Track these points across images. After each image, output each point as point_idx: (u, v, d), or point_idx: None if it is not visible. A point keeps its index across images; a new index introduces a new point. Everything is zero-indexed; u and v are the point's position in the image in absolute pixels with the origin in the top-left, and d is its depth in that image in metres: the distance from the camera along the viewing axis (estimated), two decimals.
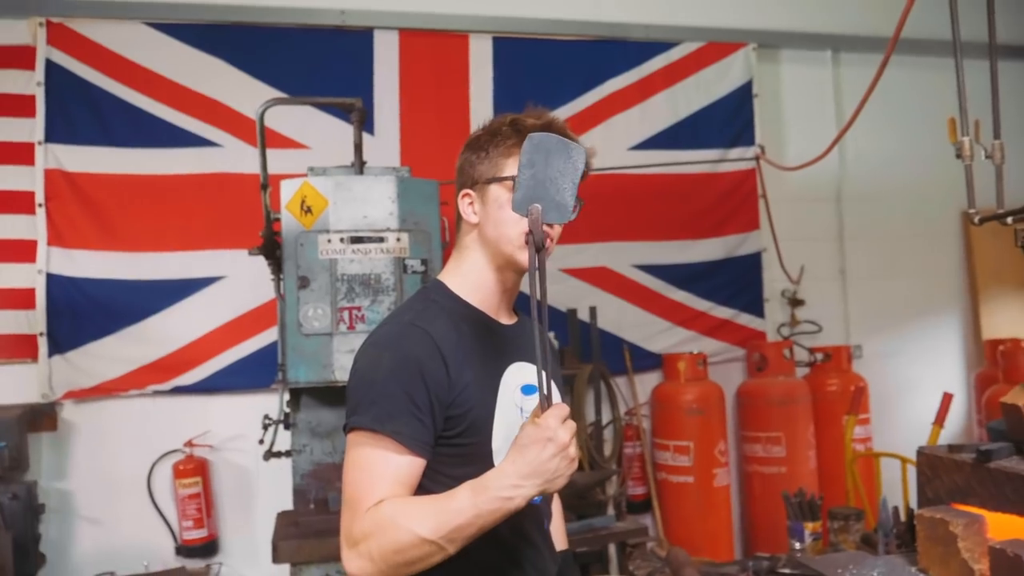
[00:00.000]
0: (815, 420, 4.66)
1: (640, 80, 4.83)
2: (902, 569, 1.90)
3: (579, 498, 3.91)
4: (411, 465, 1.39)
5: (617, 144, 4.72)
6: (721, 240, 4.96)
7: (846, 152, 5.13)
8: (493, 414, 1.47)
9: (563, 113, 4.70)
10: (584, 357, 4.53)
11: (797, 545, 2.80)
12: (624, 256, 4.77)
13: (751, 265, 5.02)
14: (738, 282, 4.98)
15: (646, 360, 4.79)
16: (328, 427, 3.39)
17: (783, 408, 4.60)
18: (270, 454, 3.39)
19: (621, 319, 4.74)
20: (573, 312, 4.51)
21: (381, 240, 3.18)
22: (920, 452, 2.02)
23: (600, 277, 4.72)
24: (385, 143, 4.43)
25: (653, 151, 4.75)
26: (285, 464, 3.41)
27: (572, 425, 1.29)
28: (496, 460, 1.45)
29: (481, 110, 4.60)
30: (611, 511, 3.92)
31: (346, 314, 3.16)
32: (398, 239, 3.18)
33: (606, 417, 4.59)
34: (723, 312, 4.95)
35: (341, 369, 3.10)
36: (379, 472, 1.37)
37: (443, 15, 4.53)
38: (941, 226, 5.40)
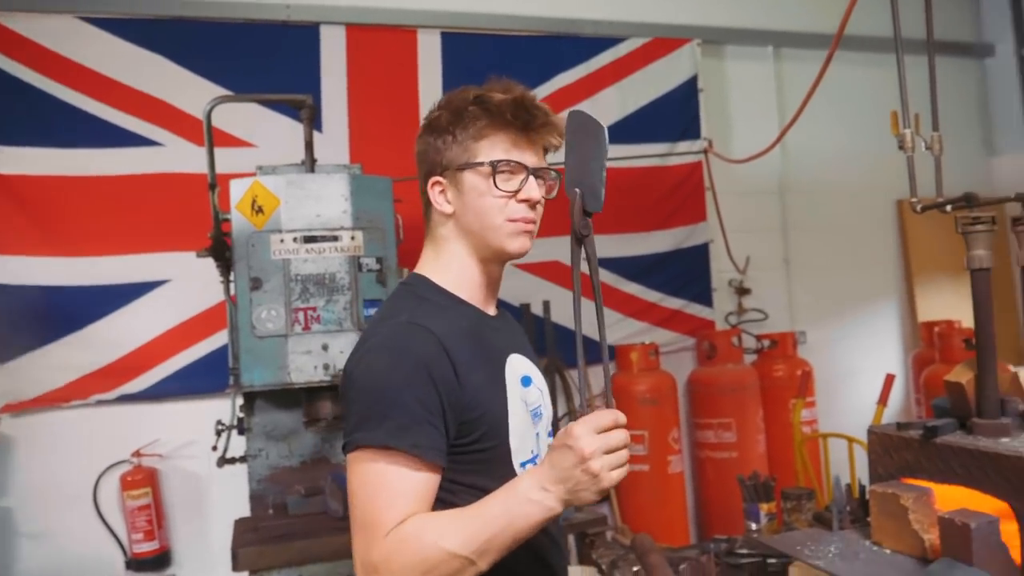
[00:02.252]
0: (764, 405, 4.78)
1: (590, 75, 4.88)
2: (857, 543, 1.98)
3: None
4: (430, 480, 1.27)
5: None
6: (670, 232, 5.04)
7: (788, 146, 5.26)
8: (507, 412, 1.37)
9: None
10: (539, 351, 4.54)
11: (753, 526, 2.88)
12: None
13: (699, 256, 5.11)
14: (687, 273, 5.08)
15: (600, 352, 4.83)
16: (284, 430, 3.34)
17: (733, 394, 4.70)
18: (224, 460, 3.33)
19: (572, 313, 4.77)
20: (527, 307, 4.54)
21: (335, 239, 3.15)
22: (871, 431, 2.10)
23: (553, 271, 4.76)
24: (334, 141, 4.39)
25: None
26: (240, 470, 3.35)
27: (607, 438, 1.17)
28: (515, 460, 1.37)
29: (430, 107, 4.58)
30: None
31: (301, 315, 3.12)
32: (352, 237, 3.16)
33: (562, 409, 4.63)
34: (673, 303, 5.04)
35: (297, 371, 3.07)
36: (397, 490, 1.23)
37: (391, 9, 4.51)
38: (879, 216, 5.59)
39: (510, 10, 4.72)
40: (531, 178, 1.41)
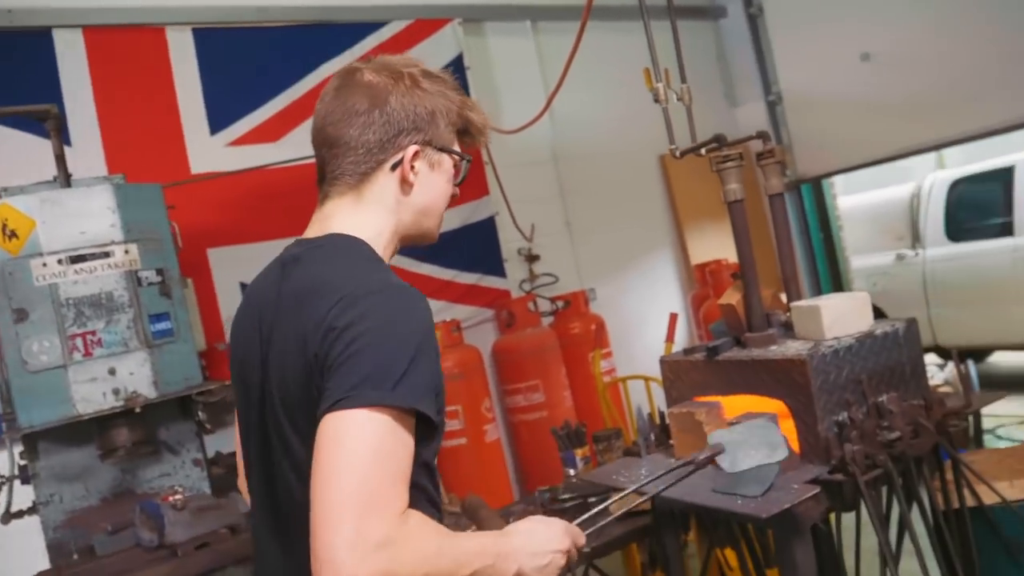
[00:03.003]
0: (565, 362, 5.02)
1: (362, 58, 4.84)
2: (664, 461, 2.16)
3: None
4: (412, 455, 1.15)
5: None
6: (455, 210, 5.13)
7: (556, 115, 5.51)
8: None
9: (282, 101, 4.62)
10: None
11: (571, 472, 3.04)
12: None
13: (487, 230, 5.26)
14: (478, 247, 5.21)
15: None
16: (77, 468, 3.11)
17: (536, 357, 4.90)
18: (10, 516, 3.04)
19: None
20: None
21: (107, 255, 2.96)
22: (663, 360, 2.29)
23: None
24: (87, 153, 4.05)
25: None
26: (31, 523, 3.06)
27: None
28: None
29: (191, 107, 4.38)
30: None
31: (79, 341, 2.91)
32: (126, 251, 2.98)
33: None
34: (468, 278, 5.15)
35: (83, 401, 2.87)
36: (402, 463, 1.10)
37: (132, 8, 4.22)
38: (645, 172, 6.01)
39: (263, 2, 4.58)
40: None
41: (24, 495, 3.07)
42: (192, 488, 3.35)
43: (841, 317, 2.02)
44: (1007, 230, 6.20)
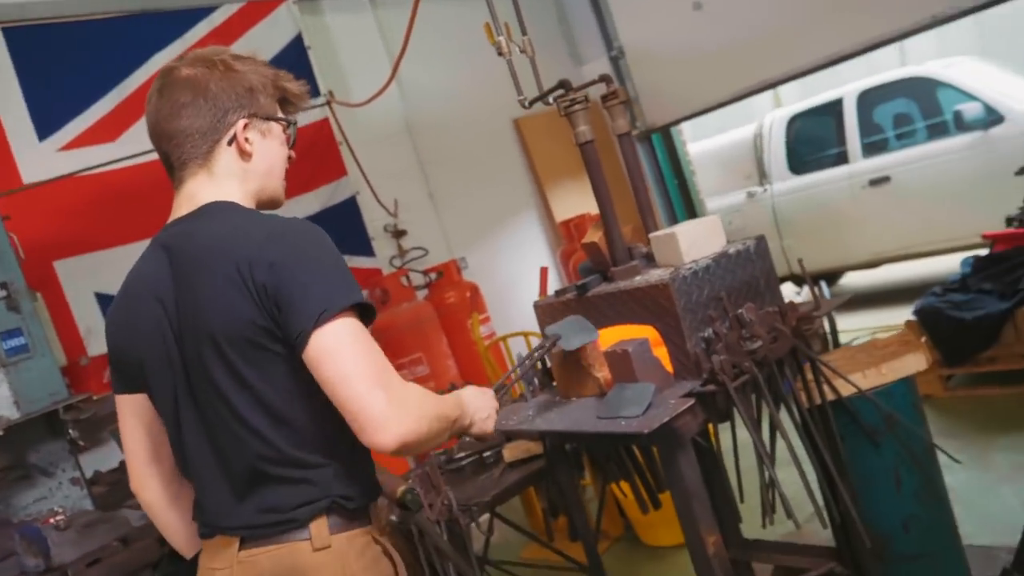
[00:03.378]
0: (445, 331, 5.05)
1: (189, 49, 4.63)
2: (550, 402, 2.23)
3: None
4: None
5: None
6: (314, 193, 5.04)
7: (406, 87, 5.48)
8: None
9: (115, 97, 4.40)
10: None
11: None
12: None
13: (349, 210, 5.19)
14: (341, 229, 5.13)
15: None
16: None
17: (415, 331, 4.90)
18: None
19: None
20: None
21: None
22: (536, 305, 2.35)
23: None
24: None
25: None
26: None
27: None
28: None
29: (13, 113, 4.10)
30: None
31: None
32: None
33: None
34: None
35: None
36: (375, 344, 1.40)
37: None
38: (501, 137, 6.07)
39: None
40: None
41: None
42: (74, 509, 3.20)
43: (696, 241, 2.13)
44: (842, 159, 6.65)
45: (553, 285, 5.58)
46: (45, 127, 4.25)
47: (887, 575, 2.29)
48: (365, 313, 1.42)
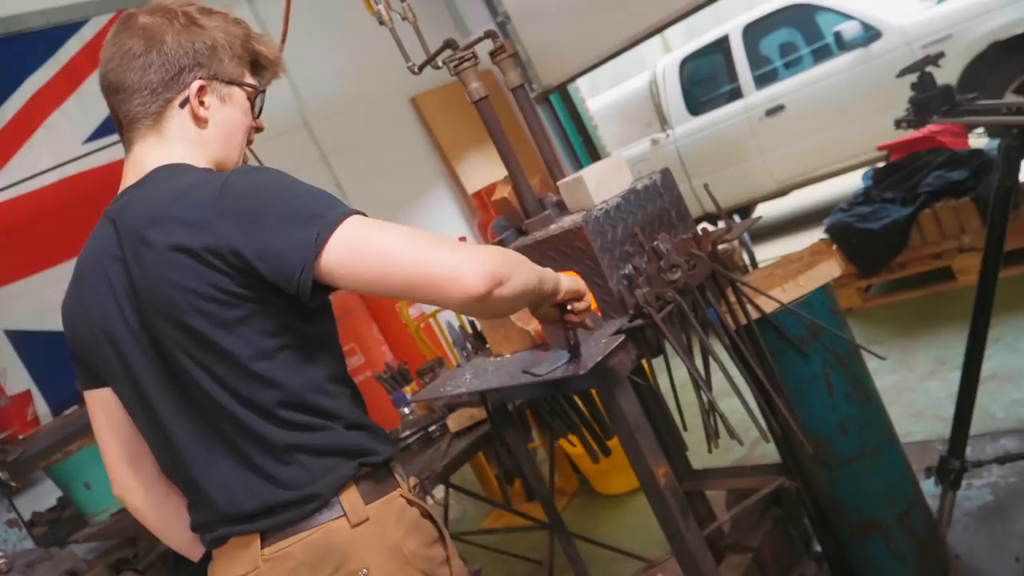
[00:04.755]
0: (375, 319, 5.00)
1: (63, 68, 4.43)
2: (483, 362, 2.22)
3: None
4: None
5: (70, 141, 4.31)
6: None
7: (298, 80, 5.34)
8: None
9: None
10: None
11: (406, 410, 3.05)
12: None
13: None
14: None
15: None
16: None
17: (344, 323, 4.81)
18: None
19: None
20: None
21: None
22: None
23: None
24: None
25: (113, 134, 4.45)
26: None
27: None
28: None
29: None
30: None
31: None
32: None
33: None
34: None
35: None
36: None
37: None
38: (401, 117, 5.97)
39: None
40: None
41: None
42: (13, 552, 3.07)
43: (603, 181, 2.14)
44: (736, 94, 6.80)
45: None
46: None
47: (833, 479, 2.37)
48: None
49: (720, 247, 2.17)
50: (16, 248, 3.99)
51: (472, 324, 2.43)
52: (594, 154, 6.49)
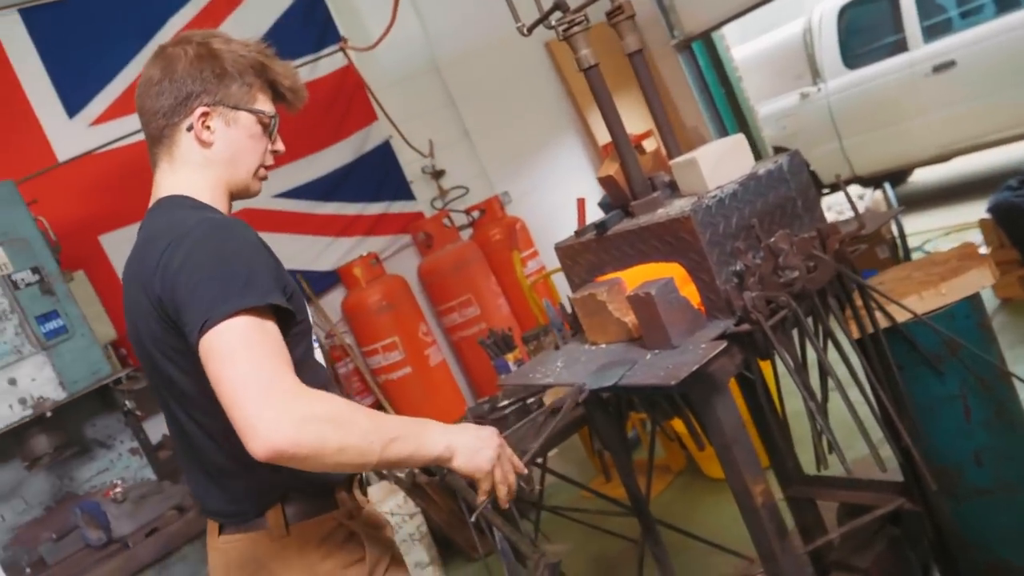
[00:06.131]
0: (494, 270, 4.97)
1: (203, 9, 4.55)
2: (578, 350, 2.11)
3: None
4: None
5: None
6: (346, 142, 4.94)
7: (428, 22, 5.26)
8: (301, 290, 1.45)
9: (136, 67, 4.34)
10: None
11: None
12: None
13: (384, 155, 5.08)
14: (378, 175, 5.04)
15: (324, 281, 4.76)
16: (9, 485, 3.08)
17: (462, 272, 4.83)
18: None
19: (281, 251, 4.62)
20: None
21: None
22: (557, 247, 2.22)
23: (245, 218, 4.53)
24: None
25: None
26: None
27: (513, 461, 1.50)
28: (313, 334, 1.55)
29: (41, 91, 4.12)
30: None
31: None
32: None
33: None
34: (375, 208, 5.01)
35: None
36: (276, 346, 1.26)
37: None
38: (534, 63, 5.80)
39: None
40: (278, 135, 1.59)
41: None
42: (135, 478, 3.28)
43: (720, 164, 1.95)
44: (900, 47, 6.18)
45: (596, 213, 5.41)
46: (73, 104, 4.25)
47: (961, 512, 2.13)
48: (286, 315, 1.35)
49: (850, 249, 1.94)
50: (141, 190, 4.19)
51: (570, 306, 2.31)
52: (736, 107, 6.12)
